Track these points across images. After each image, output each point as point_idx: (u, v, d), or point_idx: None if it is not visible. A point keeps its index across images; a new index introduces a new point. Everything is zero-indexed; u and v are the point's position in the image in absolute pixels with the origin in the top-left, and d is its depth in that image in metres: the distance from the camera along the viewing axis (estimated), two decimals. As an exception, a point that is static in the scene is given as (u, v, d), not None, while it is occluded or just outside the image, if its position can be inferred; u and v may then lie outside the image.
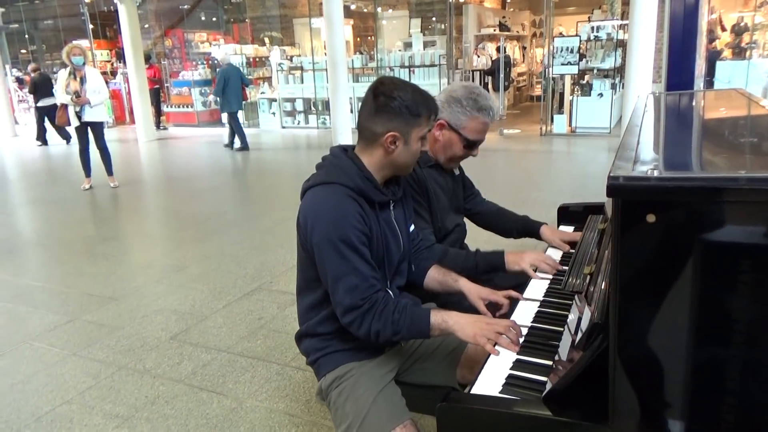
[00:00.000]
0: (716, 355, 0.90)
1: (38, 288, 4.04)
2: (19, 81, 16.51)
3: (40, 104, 11.55)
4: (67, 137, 11.73)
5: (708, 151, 1.26)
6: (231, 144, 10.24)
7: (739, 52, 10.60)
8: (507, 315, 1.58)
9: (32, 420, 2.48)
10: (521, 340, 1.38)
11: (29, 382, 2.79)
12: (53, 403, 2.60)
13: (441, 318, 1.42)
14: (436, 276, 1.75)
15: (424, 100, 1.49)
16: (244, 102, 10.48)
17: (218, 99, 9.78)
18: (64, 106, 6.67)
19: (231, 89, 9.76)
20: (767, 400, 0.90)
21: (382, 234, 1.54)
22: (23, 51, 19.67)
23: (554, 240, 2.10)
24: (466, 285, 1.68)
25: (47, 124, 11.69)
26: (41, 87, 11.49)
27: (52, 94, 11.41)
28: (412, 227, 1.75)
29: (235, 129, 10.06)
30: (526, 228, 2.22)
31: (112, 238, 5.31)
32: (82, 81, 6.60)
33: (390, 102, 1.46)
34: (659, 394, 0.94)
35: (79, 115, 6.68)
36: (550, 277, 1.74)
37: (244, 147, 10.08)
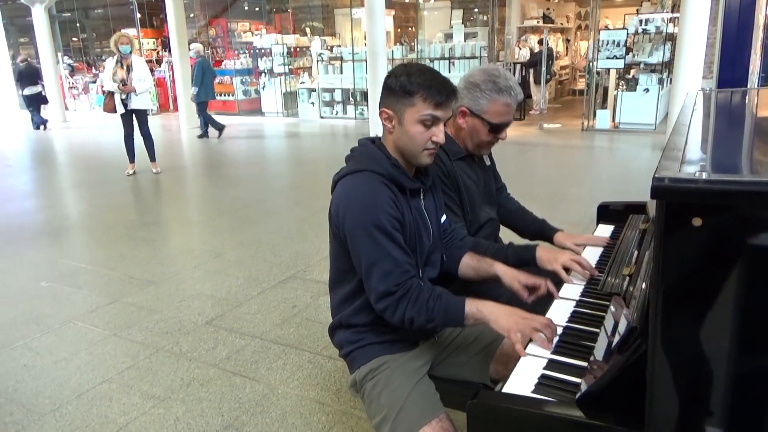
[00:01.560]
0: (762, 365, 0.86)
1: (82, 269, 4.19)
2: (70, 68, 17.06)
3: (26, 92, 12.04)
4: (43, 123, 12.35)
5: (761, 153, 1.20)
6: (219, 131, 10.59)
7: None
8: (545, 305, 1.54)
9: (74, 396, 2.57)
10: (556, 339, 1.35)
11: (72, 360, 2.89)
12: (94, 381, 2.69)
13: (476, 307, 1.40)
14: (470, 263, 1.73)
15: (423, 81, 1.42)
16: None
17: (197, 90, 10.14)
18: (111, 94, 6.86)
19: (207, 80, 10.23)
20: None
21: (414, 222, 1.53)
22: (74, 39, 20.29)
23: (568, 246, 2.01)
24: (501, 268, 1.65)
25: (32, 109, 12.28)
26: (27, 77, 11.95)
27: (36, 83, 12.05)
28: (443, 218, 1.73)
29: (203, 117, 10.48)
30: (541, 231, 2.16)
31: (153, 222, 5.46)
32: (129, 69, 6.77)
33: (387, 79, 1.48)
34: (699, 403, 0.90)
35: (125, 103, 6.87)
36: (584, 282, 1.68)
37: (204, 135, 10.55)
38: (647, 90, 9.51)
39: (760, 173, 1.00)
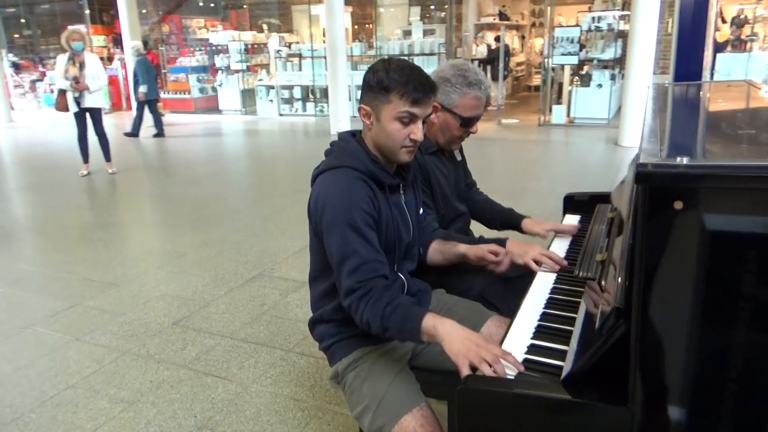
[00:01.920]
0: (741, 343, 0.90)
1: (38, 273, 4.03)
2: (15, 66, 16.36)
3: None
4: None
5: (735, 141, 1.26)
6: (133, 132, 10.41)
7: (738, 45, 10.60)
8: (524, 288, 1.58)
9: (37, 404, 2.48)
10: (534, 325, 1.38)
11: (33, 366, 2.79)
12: (58, 388, 2.60)
13: (432, 323, 1.30)
14: (437, 247, 1.78)
15: (400, 77, 1.40)
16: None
17: (146, 87, 9.89)
18: (63, 92, 6.62)
19: (151, 78, 10.05)
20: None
21: (393, 218, 1.53)
22: (17, 35, 19.42)
23: (537, 231, 2.07)
24: (465, 247, 1.72)
25: None
26: None
27: None
28: (421, 212, 1.75)
29: (154, 115, 10.35)
30: (509, 220, 2.20)
31: (110, 224, 5.30)
32: (81, 66, 6.55)
33: (366, 75, 1.48)
34: (680, 378, 0.95)
35: (78, 101, 6.64)
36: (554, 274, 1.71)
37: (160, 133, 10.43)
38: (600, 85, 9.80)
39: (738, 158, 1.05)
